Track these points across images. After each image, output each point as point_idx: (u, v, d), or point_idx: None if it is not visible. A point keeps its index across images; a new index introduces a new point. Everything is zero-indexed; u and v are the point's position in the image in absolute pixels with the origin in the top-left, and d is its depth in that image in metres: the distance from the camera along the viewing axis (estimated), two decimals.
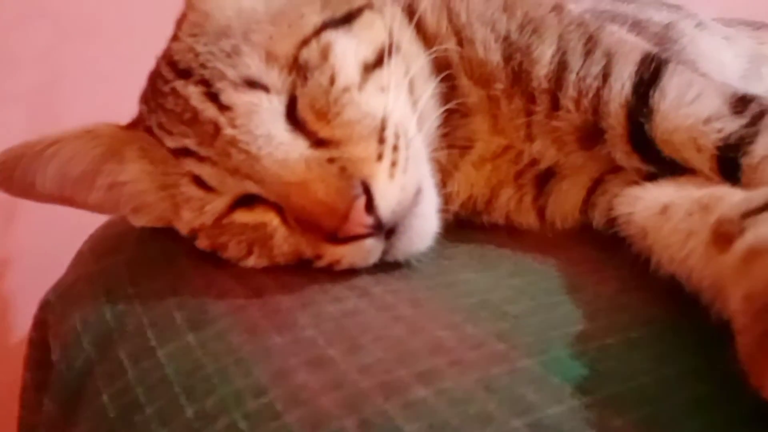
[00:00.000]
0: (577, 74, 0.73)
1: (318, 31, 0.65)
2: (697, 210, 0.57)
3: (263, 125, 0.61)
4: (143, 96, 0.72)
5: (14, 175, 0.70)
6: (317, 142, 0.62)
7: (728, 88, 0.69)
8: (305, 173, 0.60)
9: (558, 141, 0.76)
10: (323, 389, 0.46)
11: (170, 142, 0.66)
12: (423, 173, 0.67)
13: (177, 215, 0.70)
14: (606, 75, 0.72)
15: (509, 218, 0.80)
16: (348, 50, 0.66)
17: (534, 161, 0.77)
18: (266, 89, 0.62)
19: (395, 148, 0.63)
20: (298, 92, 0.63)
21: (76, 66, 1.39)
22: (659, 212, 0.61)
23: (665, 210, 0.61)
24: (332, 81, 0.63)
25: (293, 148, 0.61)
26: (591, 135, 0.74)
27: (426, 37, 0.79)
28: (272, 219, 0.65)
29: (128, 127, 0.74)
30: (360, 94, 0.64)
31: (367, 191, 0.60)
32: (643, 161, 0.71)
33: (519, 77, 0.75)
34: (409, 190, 0.63)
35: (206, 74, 0.63)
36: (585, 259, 0.70)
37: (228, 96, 0.62)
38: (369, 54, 0.67)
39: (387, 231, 0.63)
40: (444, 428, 0.41)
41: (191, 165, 0.64)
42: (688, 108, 0.68)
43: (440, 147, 0.78)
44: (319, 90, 0.63)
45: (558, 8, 0.77)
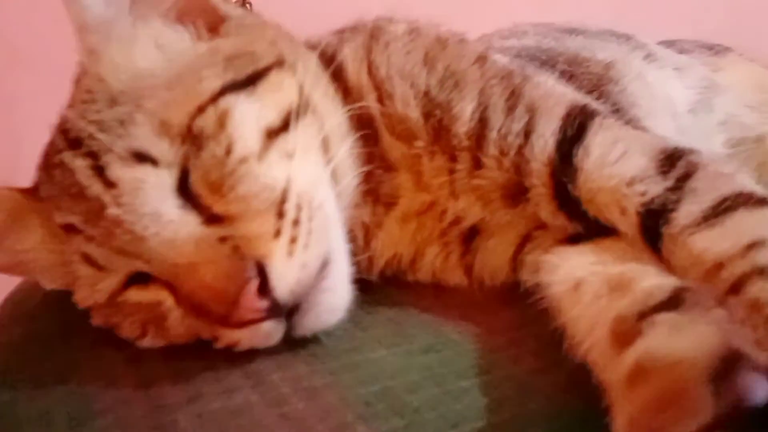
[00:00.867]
0: (499, 131, 0.69)
1: (216, 97, 0.61)
2: (606, 293, 0.54)
3: (150, 203, 0.57)
4: (39, 163, 0.68)
5: None
6: (210, 219, 0.58)
7: (657, 144, 0.67)
8: (194, 254, 0.56)
9: (482, 198, 0.73)
10: None
11: (58, 217, 0.62)
12: (332, 243, 0.63)
13: (75, 289, 0.66)
14: (528, 132, 0.69)
15: (436, 276, 0.77)
16: (249, 116, 0.62)
17: (459, 219, 0.74)
18: (155, 162, 0.58)
19: (296, 222, 0.59)
20: (191, 164, 0.59)
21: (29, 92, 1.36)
22: (572, 288, 0.58)
23: (578, 287, 0.58)
24: (228, 151, 0.59)
25: (183, 227, 0.57)
26: (516, 193, 0.71)
27: (346, 89, 0.75)
28: (166, 298, 0.61)
29: (30, 193, 0.70)
30: (259, 165, 0.60)
31: (262, 272, 0.56)
32: (570, 220, 0.69)
33: (439, 134, 0.71)
34: (312, 267, 0.59)
35: (94, 146, 0.59)
36: (507, 327, 0.66)
37: (114, 171, 0.58)
38: (274, 118, 0.63)
39: (289, 310, 0.59)
40: None
41: (79, 243, 0.60)
42: (612, 168, 0.65)
43: (363, 204, 0.75)
44: (214, 161, 0.59)
45: (481, 60, 0.74)
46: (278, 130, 0.63)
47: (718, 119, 1.16)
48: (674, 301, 0.48)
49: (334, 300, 0.62)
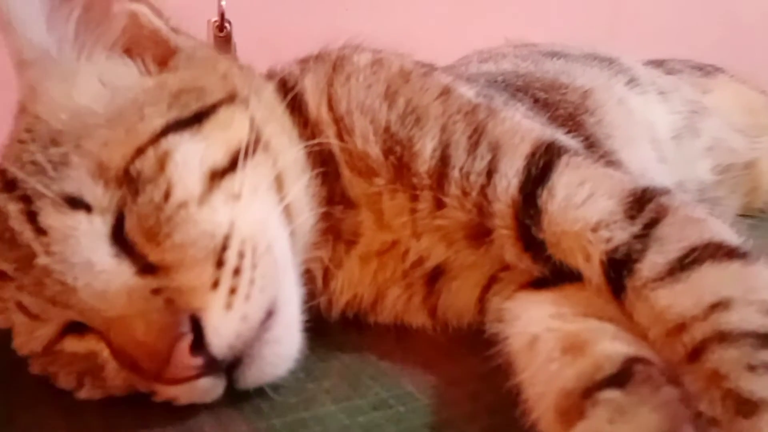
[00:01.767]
0: (461, 170, 0.66)
1: (157, 137, 0.58)
2: (558, 357, 0.50)
3: (81, 252, 0.54)
4: None
5: None
6: (145, 269, 0.55)
7: (626, 185, 0.63)
8: (125, 307, 0.53)
9: (446, 239, 0.69)
10: None
11: None
12: (279, 290, 0.60)
13: (14, 335, 0.63)
14: (491, 172, 0.66)
15: (399, 318, 0.73)
16: (192, 157, 0.58)
17: (422, 259, 0.71)
18: (88, 209, 0.55)
19: (237, 271, 0.56)
20: (127, 210, 0.56)
21: None
22: (528, 346, 0.55)
23: (532, 345, 0.54)
24: (166, 196, 0.56)
25: (115, 277, 0.54)
26: (480, 233, 0.68)
27: (306, 123, 0.72)
28: (103, 349, 0.57)
29: None
30: (200, 209, 0.57)
31: (198, 327, 0.53)
32: (535, 263, 0.65)
33: (400, 172, 0.68)
34: (254, 318, 0.56)
35: (28, 189, 0.56)
36: (469, 376, 0.63)
37: (45, 217, 0.55)
38: (220, 158, 0.60)
39: (230, 363, 0.56)
40: None
41: (11, 291, 0.57)
42: (577, 211, 0.61)
43: (323, 242, 0.71)
44: (151, 207, 0.56)
45: (445, 94, 0.71)
46: (225, 171, 0.60)
47: (705, 145, 1.12)
48: (623, 376, 0.45)
49: (280, 351, 0.59)
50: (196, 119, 0.61)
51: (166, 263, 0.55)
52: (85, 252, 0.54)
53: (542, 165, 0.65)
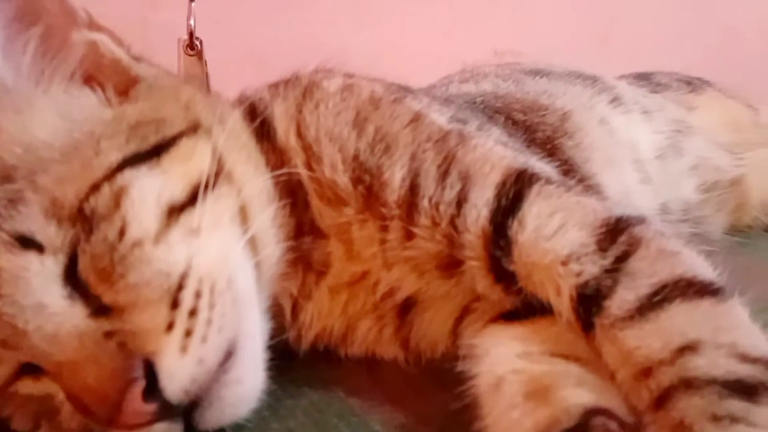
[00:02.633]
0: (430, 200, 0.65)
1: (113, 172, 0.56)
2: (520, 403, 0.49)
3: (33, 294, 0.52)
4: None
5: None
6: (99, 311, 0.53)
7: (600, 214, 0.61)
8: (77, 351, 0.51)
9: (417, 269, 0.68)
10: None
11: None
12: (241, 328, 0.58)
13: None
14: (461, 201, 0.64)
15: (370, 351, 0.72)
16: (149, 192, 0.57)
17: (393, 290, 0.69)
18: (40, 248, 0.53)
19: (193, 313, 0.54)
20: (80, 249, 0.54)
21: None
22: (493, 388, 0.53)
23: (497, 387, 0.53)
24: (121, 234, 0.54)
25: (68, 320, 0.52)
26: (451, 264, 0.66)
27: (275, 150, 0.71)
28: (58, 391, 0.55)
29: None
30: (156, 248, 0.55)
31: (151, 371, 0.51)
32: (507, 295, 0.64)
33: (369, 202, 0.66)
34: (211, 361, 0.54)
35: None
36: (438, 413, 0.61)
37: None
38: (179, 192, 0.58)
39: (188, 406, 0.54)
40: None
41: None
42: (548, 243, 0.60)
43: (292, 273, 0.70)
44: (104, 246, 0.54)
45: (416, 121, 0.69)
46: (184, 205, 0.58)
47: (689, 164, 1.11)
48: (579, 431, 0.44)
49: (241, 392, 0.57)
50: (155, 152, 0.60)
51: (120, 305, 0.53)
52: (37, 294, 0.52)
53: (513, 194, 0.63)
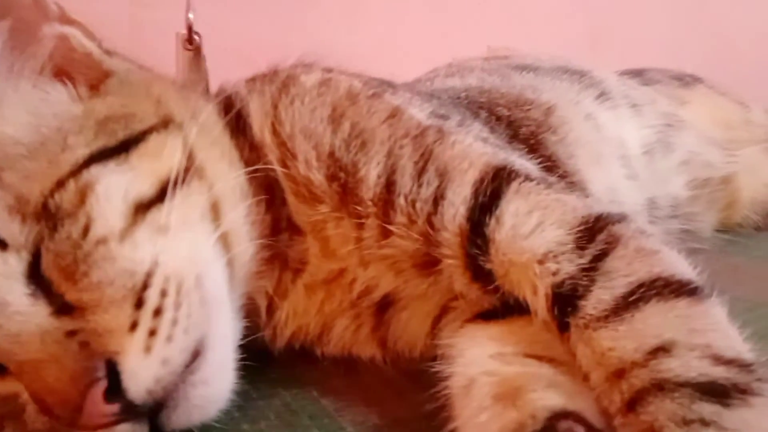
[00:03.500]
0: (406, 198, 0.63)
1: (79, 168, 0.55)
2: (489, 406, 0.48)
3: None
4: None
5: None
6: (62, 309, 0.52)
7: (579, 212, 0.60)
8: (38, 351, 0.50)
9: (394, 267, 0.67)
10: None
11: None
12: (209, 328, 0.56)
13: None
14: (438, 199, 0.63)
15: (347, 350, 0.71)
16: (115, 189, 0.55)
17: (369, 288, 0.68)
18: (4, 246, 0.52)
19: (158, 312, 0.53)
20: (44, 247, 0.53)
21: None
22: (465, 389, 0.52)
23: (469, 389, 0.52)
24: (85, 232, 0.53)
25: (30, 318, 0.51)
26: (429, 262, 0.65)
27: (250, 146, 0.69)
28: (23, 391, 0.54)
29: None
30: (121, 246, 0.54)
31: (114, 371, 0.50)
32: (485, 293, 0.62)
33: (345, 199, 0.65)
34: (177, 361, 0.53)
35: None
36: (411, 417, 0.60)
37: None
38: (147, 189, 0.57)
39: (153, 407, 0.53)
40: None
41: None
42: (525, 241, 0.58)
43: (268, 271, 0.69)
44: (68, 244, 0.52)
45: (394, 116, 0.68)
46: (152, 202, 0.57)
47: (679, 159, 1.10)
48: None
49: (209, 393, 0.56)
50: (124, 148, 0.58)
51: (83, 303, 0.52)
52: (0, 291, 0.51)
53: (491, 192, 0.62)
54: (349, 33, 1.79)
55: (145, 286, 0.53)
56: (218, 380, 0.57)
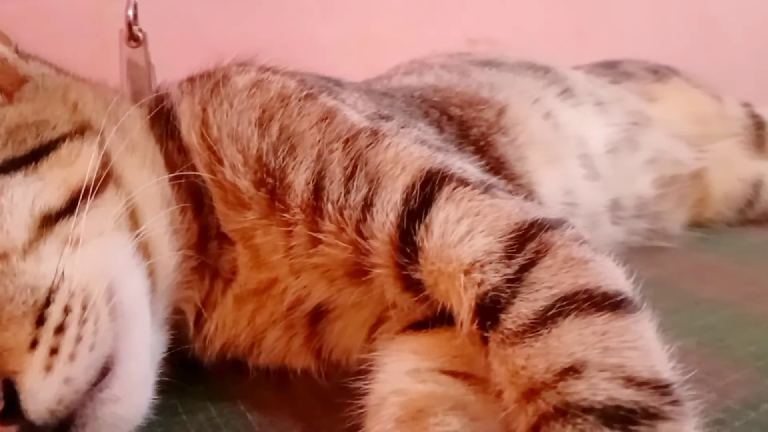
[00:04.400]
0: (335, 204, 0.61)
1: None
2: (391, 429, 0.46)
3: None
4: None
5: None
6: None
7: (513, 219, 0.57)
8: None
9: (326, 276, 0.64)
10: None
11: None
12: (122, 345, 0.54)
13: None
14: (367, 206, 0.60)
15: (281, 361, 0.69)
16: (21, 201, 0.53)
17: (301, 298, 0.66)
18: None
19: (60, 329, 0.50)
20: None
21: None
22: (376, 408, 0.50)
23: (379, 409, 0.50)
24: None
25: None
26: (362, 271, 0.62)
27: (179, 150, 0.67)
28: None
29: None
30: (24, 260, 0.52)
31: (12, 391, 0.48)
32: (417, 303, 0.60)
33: (273, 206, 0.63)
34: (81, 380, 0.51)
35: None
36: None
37: None
38: (56, 200, 0.55)
39: (58, 427, 0.51)
40: None
41: None
42: (452, 250, 0.56)
43: (197, 281, 0.66)
44: None
45: (326, 119, 0.65)
46: (61, 214, 0.55)
47: (645, 157, 1.07)
48: None
49: (120, 411, 0.53)
50: (33, 158, 0.56)
51: None
52: None
53: (421, 198, 0.59)
54: (325, 25, 1.76)
55: (48, 302, 0.51)
56: (132, 397, 0.55)
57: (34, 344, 0.50)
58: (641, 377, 0.43)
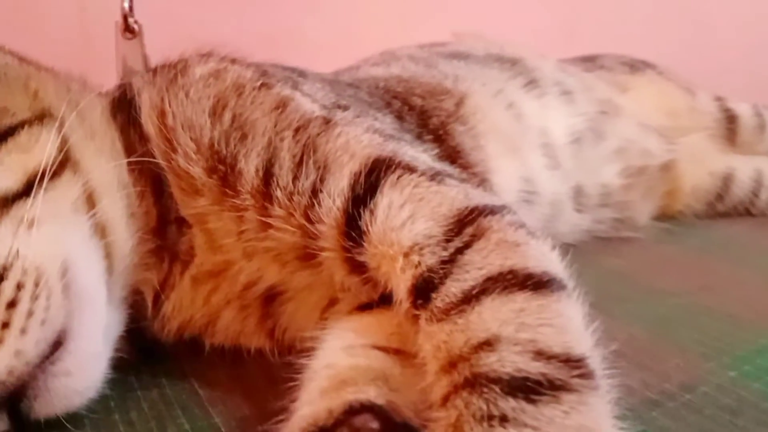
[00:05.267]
0: (284, 190, 0.63)
1: None
2: (314, 399, 0.48)
3: None
4: None
5: None
6: None
7: (456, 204, 0.59)
8: None
9: (278, 260, 0.67)
10: None
11: None
12: (73, 321, 0.56)
13: None
14: (315, 191, 0.62)
15: (236, 341, 0.71)
16: None
17: (255, 281, 0.68)
18: None
19: (12, 304, 0.53)
20: None
21: None
22: (308, 380, 0.53)
23: (310, 381, 0.52)
24: None
25: None
26: (311, 254, 0.65)
27: (140, 138, 0.69)
28: None
29: None
30: None
31: None
32: (364, 285, 0.62)
33: (224, 193, 0.65)
34: (32, 353, 0.53)
35: None
36: (277, 409, 0.60)
37: None
38: (12, 183, 0.57)
39: (10, 397, 0.53)
40: None
41: None
42: (394, 233, 0.58)
43: (154, 264, 0.69)
44: None
45: (279, 108, 0.67)
46: (18, 196, 0.57)
47: (612, 147, 1.09)
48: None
49: (72, 384, 0.56)
50: None
51: None
52: None
53: (368, 184, 0.62)
54: (307, 18, 1.78)
55: (1, 279, 0.54)
56: (83, 371, 0.57)
57: None
58: (552, 351, 0.45)
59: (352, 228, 0.61)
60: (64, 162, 0.61)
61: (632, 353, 0.73)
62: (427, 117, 0.85)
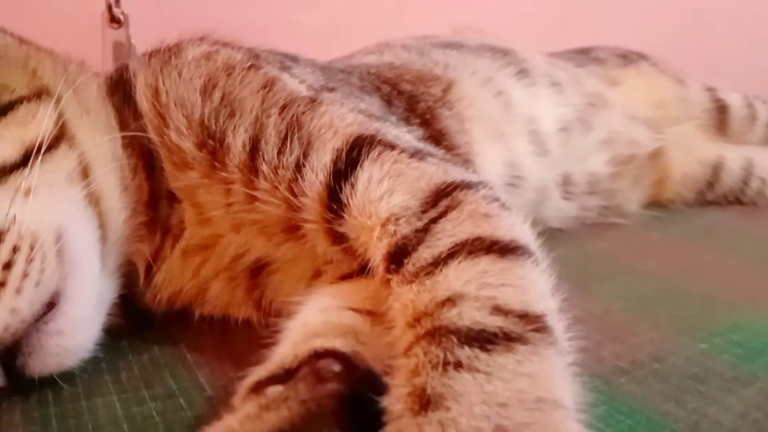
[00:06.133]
0: (269, 164, 0.66)
1: None
2: (287, 351, 0.51)
3: None
4: None
5: None
6: None
7: (433, 180, 0.62)
8: None
9: (264, 232, 0.70)
10: None
11: None
12: (66, 284, 0.59)
13: None
14: (299, 166, 0.65)
15: (224, 311, 0.74)
16: None
17: (242, 253, 0.72)
18: None
19: (8, 266, 0.56)
20: None
21: None
22: (282, 338, 0.56)
23: (284, 338, 0.55)
24: None
25: None
26: (296, 226, 0.68)
27: (134, 115, 0.73)
28: None
29: None
30: None
31: None
32: (346, 256, 0.65)
33: (213, 166, 0.68)
34: (26, 312, 0.56)
35: None
36: None
37: None
38: (11, 154, 0.61)
39: (5, 353, 0.57)
40: None
41: None
42: (372, 205, 0.61)
43: (146, 236, 0.72)
44: None
45: (267, 87, 0.70)
46: (15, 166, 0.61)
47: (600, 137, 1.11)
48: (290, 375, 0.46)
49: (64, 343, 0.59)
50: None
51: None
52: None
53: (350, 159, 0.65)
54: (305, 11, 1.80)
55: None
56: (75, 332, 0.60)
57: None
58: (509, 308, 0.47)
59: (334, 201, 0.63)
60: (60, 136, 0.65)
61: (606, 327, 0.76)
62: (415, 102, 0.88)
